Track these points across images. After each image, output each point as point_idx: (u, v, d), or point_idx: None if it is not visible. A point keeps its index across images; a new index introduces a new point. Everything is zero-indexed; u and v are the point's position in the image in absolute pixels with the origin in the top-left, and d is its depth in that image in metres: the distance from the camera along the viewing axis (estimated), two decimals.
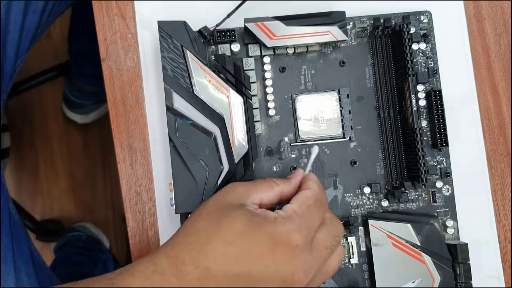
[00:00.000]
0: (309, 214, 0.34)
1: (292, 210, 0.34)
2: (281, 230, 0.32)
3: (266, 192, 0.35)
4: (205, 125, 0.39)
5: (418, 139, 0.41)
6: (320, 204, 0.35)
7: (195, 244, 0.32)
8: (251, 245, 0.31)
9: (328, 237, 0.34)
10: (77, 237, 0.97)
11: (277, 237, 0.31)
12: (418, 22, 0.44)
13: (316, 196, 0.35)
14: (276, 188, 0.36)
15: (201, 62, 0.39)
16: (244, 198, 0.34)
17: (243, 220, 0.32)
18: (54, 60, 1.06)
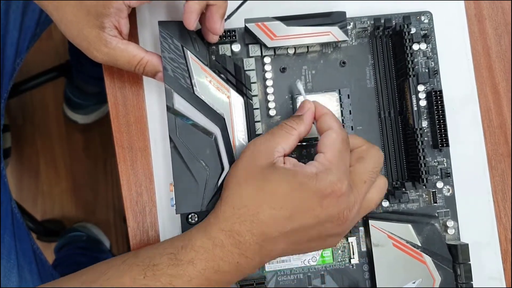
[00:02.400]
0: (343, 158, 0.35)
1: (327, 160, 0.35)
2: (325, 184, 0.33)
3: (286, 140, 0.36)
4: (205, 125, 0.39)
5: (419, 140, 0.41)
6: (347, 143, 0.36)
7: (246, 215, 0.34)
8: (299, 204, 0.33)
9: (365, 172, 0.36)
10: (77, 237, 0.97)
11: (322, 191, 0.33)
12: (419, 23, 0.44)
13: (341, 136, 0.36)
14: (294, 133, 0.36)
15: (202, 63, 0.39)
16: (271, 156, 0.35)
17: (285, 183, 0.34)
18: (55, 60, 1.06)
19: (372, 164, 0.36)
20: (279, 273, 0.42)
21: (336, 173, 0.34)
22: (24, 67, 0.56)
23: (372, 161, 0.37)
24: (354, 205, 0.35)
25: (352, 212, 0.35)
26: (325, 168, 0.34)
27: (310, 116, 0.37)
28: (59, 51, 1.07)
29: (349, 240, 0.42)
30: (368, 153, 0.37)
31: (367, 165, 0.36)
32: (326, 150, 0.35)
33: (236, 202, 0.34)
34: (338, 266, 0.42)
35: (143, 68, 0.39)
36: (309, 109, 0.37)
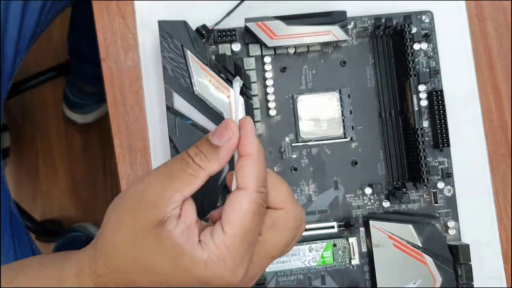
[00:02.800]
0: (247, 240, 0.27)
1: (225, 247, 0.27)
2: (213, 278, 0.27)
3: (189, 186, 0.28)
4: (205, 125, 0.39)
5: (420, 140, 0.41)
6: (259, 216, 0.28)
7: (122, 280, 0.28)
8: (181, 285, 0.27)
9: (276, 247, 0.29)
10: (77, 237, 0.96)
11: (209, 284, 0.27)
12: (420, 22, 0.44)
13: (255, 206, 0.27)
14: (202, 174, 0.28)
15: (202, 62, 0.39)
16: (162, 209, 0.27)
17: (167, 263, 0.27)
18: (54, 60, 1.06)
19: (286, 237, 0.29)
20: (279, 273, 0.42)
21: (230, 264, 0.27)
22: (24, 67, 0.56)
23: (287, 234, 0.29)
24: (254, 279, 0.30)
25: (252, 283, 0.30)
26: (218, 257, 0.27)
27: (229, 151, 0.28)
28: (59, 50, 1.07)
29: (350, 240, 0.42)
30: (286, 221, 0.29)
31: (281, 239, 0.29)
32: (229, 229, 0.27)
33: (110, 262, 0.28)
34: (338, 267, 0.42)
35: None
36: (230, 139, 0.28)
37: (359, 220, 0.42)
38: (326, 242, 0.42)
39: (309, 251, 0.41)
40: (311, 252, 0.41)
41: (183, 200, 0.28)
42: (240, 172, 0.28)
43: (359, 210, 0.43)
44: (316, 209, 0.43)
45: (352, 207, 0.43)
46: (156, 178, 0.28)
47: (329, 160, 0.43)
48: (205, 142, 0.28)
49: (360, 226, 0.42)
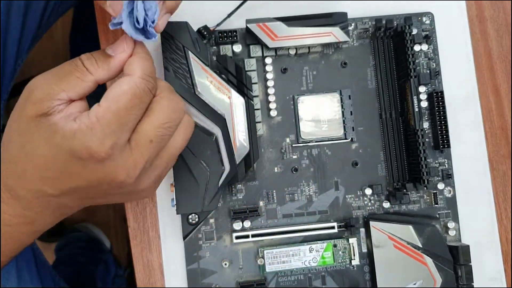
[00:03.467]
0: (120, 116, 0.29)
1: (96, 116, 0.28)
2: (80, 146, 0.28)
3: (75, 87, 0.30)
4: (206, 125, 0.39)
5: (420, 141, 0.41)
6: (139, 100, 0.29)
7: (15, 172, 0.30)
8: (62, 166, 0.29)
9: (152, 128, 0.30)
10: (78, 237, 0.97)
11: (79, 154, 0.28)
12: (420, 24, 0.44)
13: (136, 89, 0.29)
14: (89, 78, 0.30)
15: (203, 63, 0.39)
16: (46, 104, 0.29)
17: (43, 144, 0.29)
18: (55, 61, 1.06)
19: (161, 118, 0.30)
20: (279, 274, 0.42)
21: (98, 133, 0.28)
22: (25, 68, 0.56)
23: (162, 116, 0.30)
24: (135, 167, 0.30)
25: (135, 174, 0.30)
26: (87, 126, 0.28)
27: (120, 63, 0.30)
28: (60, 51, 1.07)
29: (350, 241, 0.42)
30: (159, 104, 0.30)
31: (155, 120, 0.30)
32: (104, 103, 0.29)
33: (5, 155, 0.31)
34: (338, 267, 0.42)
35: None
36: (123, 52, 0.30)
37: (360, 221, 0.43)
38: (326, 243, 0.42)
39: (310, 251, 0.42)
40: (312, 252, 0.42)
41: (72, 101, 0.30)
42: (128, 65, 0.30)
43: (360, 211, 0.43)
44: (316, 209, 0.43)
45: (352, 208, 0.43)
46: (45, 77, 0.30)
47: (330, 161, 0.43)
48: (100, 51, 0.31)
49: (360, 227, 0.43)
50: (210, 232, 0.42)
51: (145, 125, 0.30)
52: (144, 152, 0.30)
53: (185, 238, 0.41)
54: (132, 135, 0.30)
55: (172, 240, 0.42)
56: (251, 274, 0.42)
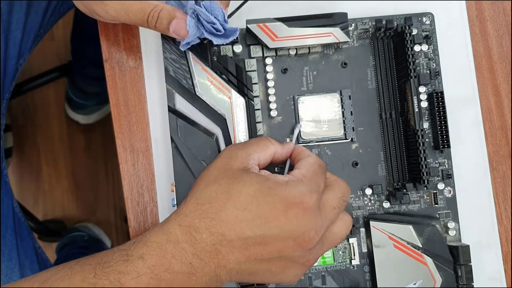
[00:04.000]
0: (316, 177, 0.35)
1: (301, 174, 0.35)
2: (294, 192, 0.33)
3: (262, 152, 0.36)
4: (207, 126, 0.39)
5: (420, 141, 0.41)
6: (323, 170, 0.36)
7: (208, 212, 0.32)
8: (264, 208, 0.32)
9: (334, 198, 0.35)
10: (79, 237, 0.97)
11: (290, 199, 0.32)
12: (420, 24, 0.44)
13: (319, 162, 0.36)
14: (271, 148, 0.37)
15: (203, 63, 0.39)
16: (246, 161, 0.35)
17: (254, 185, 0.33)
18: (56, 61, 1.06)
19: (340, 192, 0.36)
20: None
21: (307, 185, 0.34)
22: (26, 67, 0.56)
23: (341, 190, 0.36)
24: (320, 229, 0.34)
25: (317, 235, 0.33)
26: (297, 179, 0.34)
27: (289, 147, 0.38)
28: (61, 51, 1.08)
29: (350, 241, 0.42)
30: (336, 183, 0.37)
31: (336, 193, 0.36)
32: (302, 168, 0.35)
33: (200, 198, 0.33)
34: (339, 267, 0.42)
35: (158, 14, 0.36)
36: (290, 144, 0.39)
37: (360, 221, 0.43)
38: None
39: None
40: None
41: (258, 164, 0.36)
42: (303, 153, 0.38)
43: (360, 211, 0.43)
44: None
45: (352, 208, 0.43)
46: (240, 144, 0.37)
47: (330, 161, 0.43)
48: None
49: (360, 227, 0.43)
50: None
51: (329, 194, 0.36)
52: (328, 216, 0.35)
53: None
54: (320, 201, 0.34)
55: None
56: None
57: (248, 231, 0.32)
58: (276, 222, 0.32)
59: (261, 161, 0.36)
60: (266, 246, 0.32)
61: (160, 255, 0.32)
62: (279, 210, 0.32)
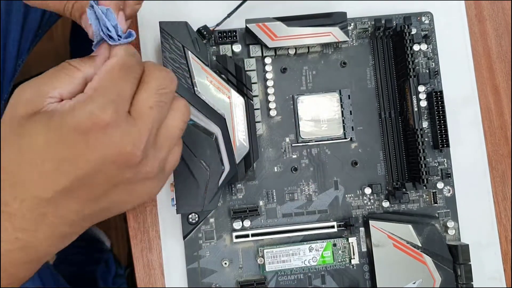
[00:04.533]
0: (113, 85, 0.29)
1: (91, 88, 0.29)
2: (83, 116, 0.27)
3: (65, 84, 0.30)
4: (206, 125, 0.39)
5: (419, 140, 0.41)
6: (129, 70, 0.30)
7: (6, 180, 0.28)
8: (63, 150, 0.28)
9: (149, 96, 0.30)
10: (78, 237, 0.96)
11: (83, 126, 0.27)
12: (420, 23, 0.44)
13: (121, 61, 0.30)
14: (78, 75, 0.30)
15: (203, 63, 0.39)
16: (38, 102, 0.29)
17: (42, 131, 0.28)
18: (55, 61, 1.06)
19: (156, 85, 0.30)
20: (279, 273, 0.42)
21: (98, 100, 0.28)
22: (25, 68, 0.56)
23: (156, 82, 0.30)
24: (141, 137, 0.29)
25: (136, 147, 0.29)
26: (85, 98, 0.28)
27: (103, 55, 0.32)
28: (60, 52, 1.07)
29: (350, 240, 0.42)
30: (150, 76, 0.31)
31: (150, 87, 0.30)
32: (96, 77, 0.29)
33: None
34: (338, 267, 0.42)
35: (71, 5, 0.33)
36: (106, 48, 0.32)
37: (359, 220, 0.43)
38: (326, 242, 0.42)
39: (309, 250, 0.42)
40: (311, 251, 0.42)
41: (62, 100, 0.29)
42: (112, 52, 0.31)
43: (359, 210, 0.43)
44: (316, 209, 0.43)
45: (352, 207, 0.43)
46: (34, 80, 0.30)
47: (329, 160, 0.43)
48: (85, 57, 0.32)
49: (360, 226, 0.43)
50: (210, 231, 0.42)
51: (141, 93, 0.30)
52: (146, 120, 0.29)
53: (185, 238, 0.41)
54: (131, 107, 0.29)
55: (172, 239, 0.42)
56: (251, 273, 0.42)
57: (61, 181, 0.28)
58: (83, 157, 0.28)
59: (65, 95, 0.30)
60: (90, 185, 0.29)
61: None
62: (78, 144, 0.28)
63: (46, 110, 0.29)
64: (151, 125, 0.30)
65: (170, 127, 0.31)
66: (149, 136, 0.30)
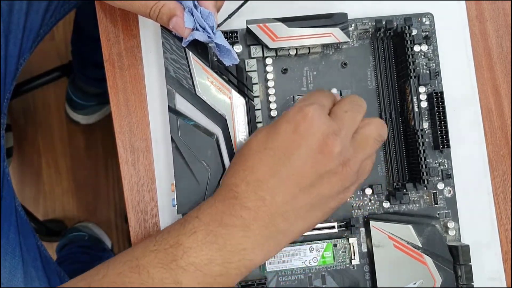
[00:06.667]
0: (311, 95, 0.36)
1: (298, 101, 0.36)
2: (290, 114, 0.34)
3: None
4: (207, 126, 0.39)
5: (420, 141, 0.41)
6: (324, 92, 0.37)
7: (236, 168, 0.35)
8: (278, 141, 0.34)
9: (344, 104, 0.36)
10: (79, 237, 0.97)
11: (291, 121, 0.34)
12: (420, 24, 0.44)
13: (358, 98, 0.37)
14: None
15: (204, 63, 0.39)
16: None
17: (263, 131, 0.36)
18: (57, 61, 1.06)
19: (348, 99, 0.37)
20: (280, 273, 0.42)
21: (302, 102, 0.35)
22: (26, 68, 0.56)
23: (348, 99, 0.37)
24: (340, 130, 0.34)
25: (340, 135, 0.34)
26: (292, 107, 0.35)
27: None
28: (61, 51, 1.08)
29: (350, 241, 0.42)
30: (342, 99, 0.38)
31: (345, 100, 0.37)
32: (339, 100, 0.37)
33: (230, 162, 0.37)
34: (339, 267, 0.42)
35: (159, 10, 0.37)
36: None
37: (360, 221, 0.43)
38: (326, 242, 0.42)
39: (310, 251, 0.42)
40: (312, 252, 0.42)
41: None
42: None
43: (360, 211, 0.43)
44: None
45: (352, 208, 0.43)
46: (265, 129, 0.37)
47: None
48: None
49: (360, 227, 0.43)
50: None
51: (338, 103, 0.37)
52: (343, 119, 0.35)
53: None
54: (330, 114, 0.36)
55: None
56: (252, 273, 0.42)
57: (277, 167, 0.33)
58: (294, 144, 0.33)
59: None
60: (299, 173, 0.33)
61: (212, 212, 0.34)
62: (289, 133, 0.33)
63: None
64: (346, 124, 0.35)
65: (365, 134, 0.36)
66: (346, 132, 0.35)
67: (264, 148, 0.34)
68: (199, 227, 0.34)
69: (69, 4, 0.58)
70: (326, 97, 0.37)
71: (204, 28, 0.37)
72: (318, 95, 0.36)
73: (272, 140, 0.34)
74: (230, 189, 0.34)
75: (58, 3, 0.56)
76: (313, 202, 0.34)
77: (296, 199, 0.34)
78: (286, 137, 0.33)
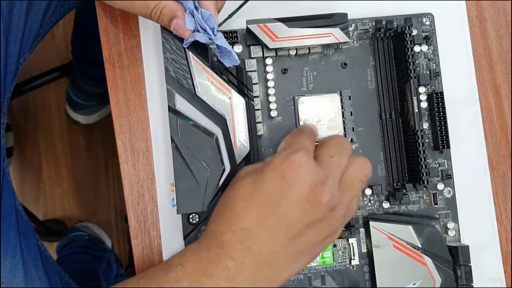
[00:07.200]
0: (293, 140, 0.36)
1: (279, 149, 0.36)
2: (276, 162, 0.33)
3: None
4: (207, 126, 0.39)
5: (420, 141, 0.41)
6: (306, 132, 0.37)
7: (222, 215, 0.34)
8: (264, 190, 0.33)
9: (330, 148, 0.36)
10: (79, 237, 0.97)
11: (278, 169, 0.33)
12: (420, 24, 0.44)
13: (343, 139, 0.37)
14: None
15: (203, 63, 0.39)
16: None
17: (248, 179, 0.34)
18: (57, 60, 1.06)
19: (334, 142, 0.36)
20: None
21: (286, 150, 0.34)
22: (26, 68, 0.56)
23: (333, 141, 0.37)
24: (327, 177, 0.34)
25: (328, 183, 0.33)
26: (277, 154, 0.35)
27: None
28: (61, 51, 1.08)
29: (350, 241, 0.42)
30: (328, 139, 0.37)
31: (330, 143, 0.36)
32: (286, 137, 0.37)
33: (217, 207, 0.36)
34: (338, 267, 0.42)
35: (160, 11, 0.37)
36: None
37: (359, 221, 0.43)
38: None
39: None
40: None
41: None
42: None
43: (359, 211, 0.43)
44: None
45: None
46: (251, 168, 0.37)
47: None
48: None
49: (360, 227, 0.43)
50: None
51: (323, 147, 0.36)
52: (329, 165, 0.34)
53: (186, 238, 0.41)
54: (315, 158, 0.35)
55: (173, 239, 0.43)
56: None
57: (264, 216, 0.32)
58: (281, 193, 0.32)
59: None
60: (287, 223, 0.33)
61: (196, 260, 0.33)
62: (276, 182, 0.33)
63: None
64: (333, 170, 0.34)
65: (350, 176, 0.35)
66: (334, 179, 0.34)
67: (250, 196, 0.33)
68: (182, 276, 0.33)
69: (69, 4, 0.58)
70: (309, 138, 0.36)
71: (205, 30, 0.37)
72: (301, 138, 0.36)
73: (259, 187, 0.33)
74: (216, 237, 0.33)
75: (58, 3, 0.56)
76: (300, 250, 0.34)
77: (283, 248, 0.33)
78: (273, 185, 0.33)
